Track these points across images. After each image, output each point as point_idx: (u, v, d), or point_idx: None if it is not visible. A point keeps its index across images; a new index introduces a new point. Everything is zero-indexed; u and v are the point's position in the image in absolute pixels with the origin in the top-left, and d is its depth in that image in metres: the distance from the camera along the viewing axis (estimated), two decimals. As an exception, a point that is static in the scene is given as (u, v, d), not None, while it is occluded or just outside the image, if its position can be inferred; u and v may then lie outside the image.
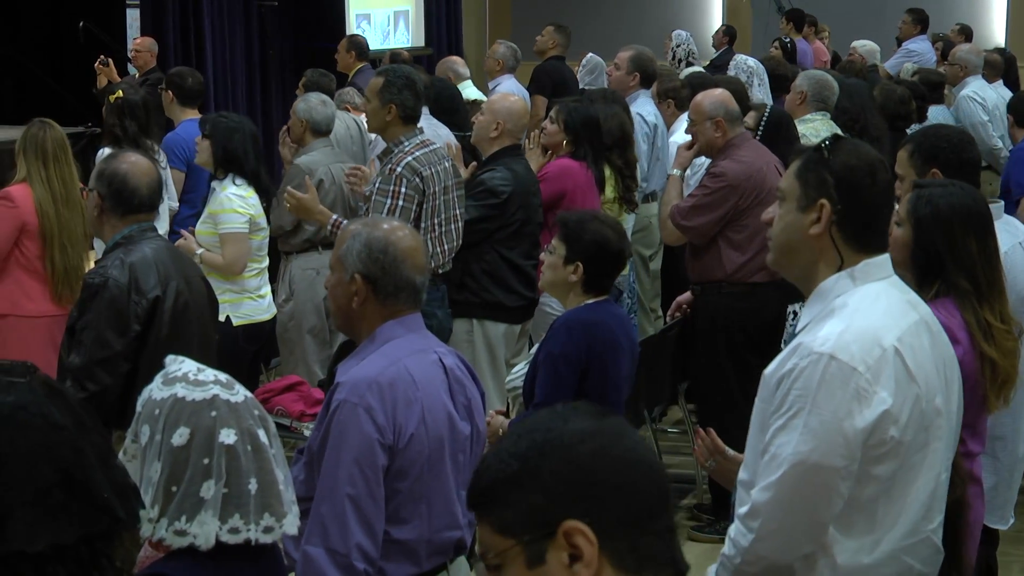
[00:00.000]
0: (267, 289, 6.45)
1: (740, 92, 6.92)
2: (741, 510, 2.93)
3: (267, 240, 6.40)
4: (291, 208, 6.10)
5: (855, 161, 2.97)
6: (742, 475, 3.01)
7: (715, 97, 6.23)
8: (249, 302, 6.05)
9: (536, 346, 4.73)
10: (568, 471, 1.76)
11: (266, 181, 6.32)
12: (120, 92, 7.26)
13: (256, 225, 6.23)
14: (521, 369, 4.77)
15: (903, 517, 2.90)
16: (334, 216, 6.06)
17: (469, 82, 9.71)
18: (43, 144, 6.01)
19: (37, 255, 6.02)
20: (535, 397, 4.50)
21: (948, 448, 2.99)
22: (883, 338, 2.86)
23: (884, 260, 3.00)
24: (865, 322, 2.87)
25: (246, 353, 6.29)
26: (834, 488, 2.83)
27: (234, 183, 6.20)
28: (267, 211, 6.36)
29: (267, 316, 6.41)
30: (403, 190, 5.69)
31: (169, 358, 2.60)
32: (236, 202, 6.15)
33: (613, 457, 1.78)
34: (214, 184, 6.33)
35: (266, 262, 6.43)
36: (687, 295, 6.34)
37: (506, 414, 4.82)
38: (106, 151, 6.78)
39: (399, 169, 5.70)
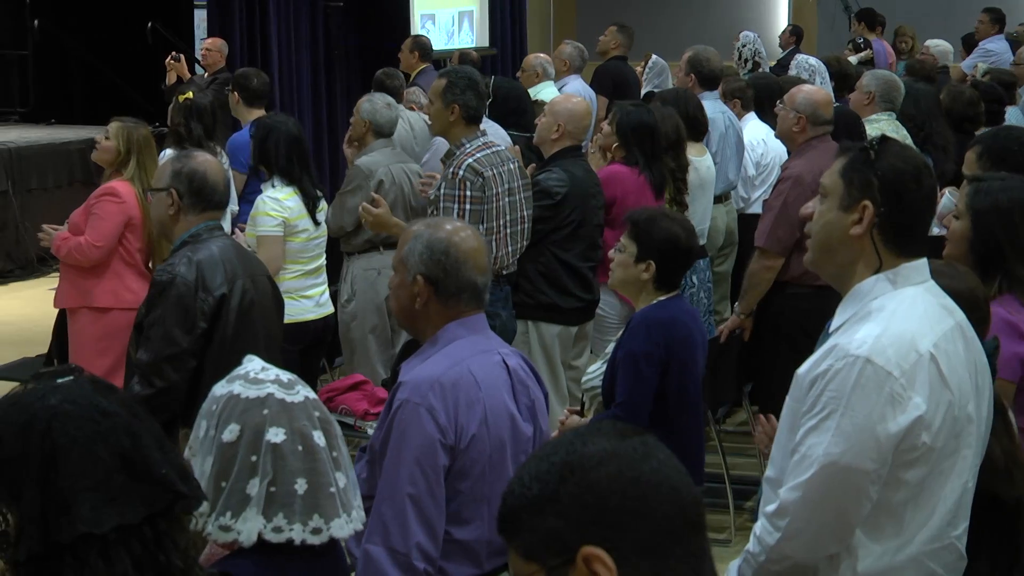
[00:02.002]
0: (316, 290, 6.43)
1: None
2: (768, 508, 2.91)
3: (314, 241, 6.37)
4: (368, 224, 6.11)
5: (901, 164, 2.94)
6: (769, 472, 3.00)
7: (809, 94, 6.26)
8: (291, 302, 6.02)
9: (612, 345, 4.72)
10: (585, 495, 1.71)
11: (308, 182, 6.29)
12: (189, 93, 7.33)
13: (293, 227, 6.23)
14: (598, 369, 4.77)
15: (930, 522, 2.88)
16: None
17: (551, 82, 9.65)
18: (150, 143, 6.16)
19: (138, 248, 6.14)
20: (616, 396, 4.50)
21: (976, 456, 2.97)
22: (919, 343, 2.83)
23: (922, 264, 2.96)
24: (902, 326, 2.84)
25: (290, 353, 6.29)
26: (863, 491, 2.81)
27: (272, 184, 6.24)
28: (310, 211, 6.34)
29: (312, 316, 6.38)
30: (468, 193, 5.70)
31: (246, 358, 2.62)
32: (269, 204, 6.18)
33: (632, 480, 1.72)
34: (261, 185, 6.38)
35: (315, 263, 6.41)
36: (733, 320, 6.31)
37: (581, 412, 4.82)
38: (168, 152, 6.86)
39: (461, 172, 5.71)
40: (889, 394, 2.79)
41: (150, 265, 6.12)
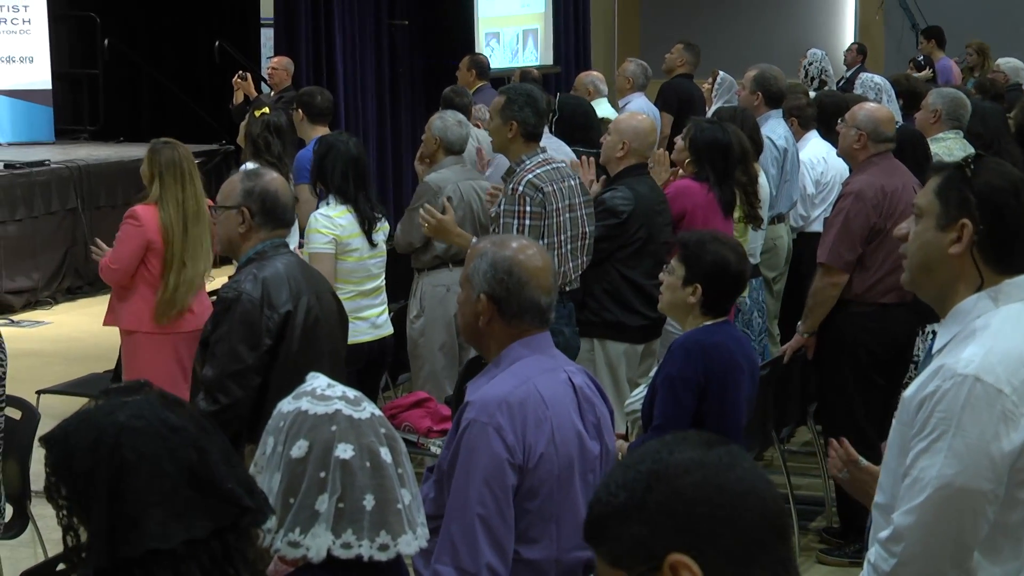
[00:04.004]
0: (372, 311, 6.40)
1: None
2: (882, 535, 2.85)
3: (370, 262, 6.35)
4: (428, 229, 6.09)
5: (999, 181, 2.90)
6: (879, 499, 2.94)
7: (870, 112, 6.22)
8: None
9: (655, 368, 4.69)
10: (672, 503, 1.72)
11: (364, 202, 6.28)
12: (266, 109, 7.40)
13: (345, 246, 6.22)
14: (640, 392, 4.73)
15: None
16: (474, 239, 6.05)
17: (604, 99, 9.67)
18: (179, 164, 6.16)
19: (160, 273, 6.16)
20: (653, 420, 4.46)
21: None
22: None
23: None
24: (1009, 343, 2.80)
25: (347, 375, 6.28)
26: (980, 512, 2.76)
27: (327, 202, 6.26)
28: (366, 231, 6.34)
29: (368, 337, 6.34)
30: (528, 208, 5.70)
31: (310, 375, 2.63)
32: (321, 222, 6.19)
33: (718, 488, 1.73)
34: (320, 203, 6.40)
35: (370, 284, 6.38)
36: (796, 339, 6.26)
37: (626, 437, 4.79)
38: (249, 165, 6.89)
39: (521, 188, 5.72)
40: (1001, 412, 2.74)
41: (168, 284, 6.11)
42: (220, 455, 2.08)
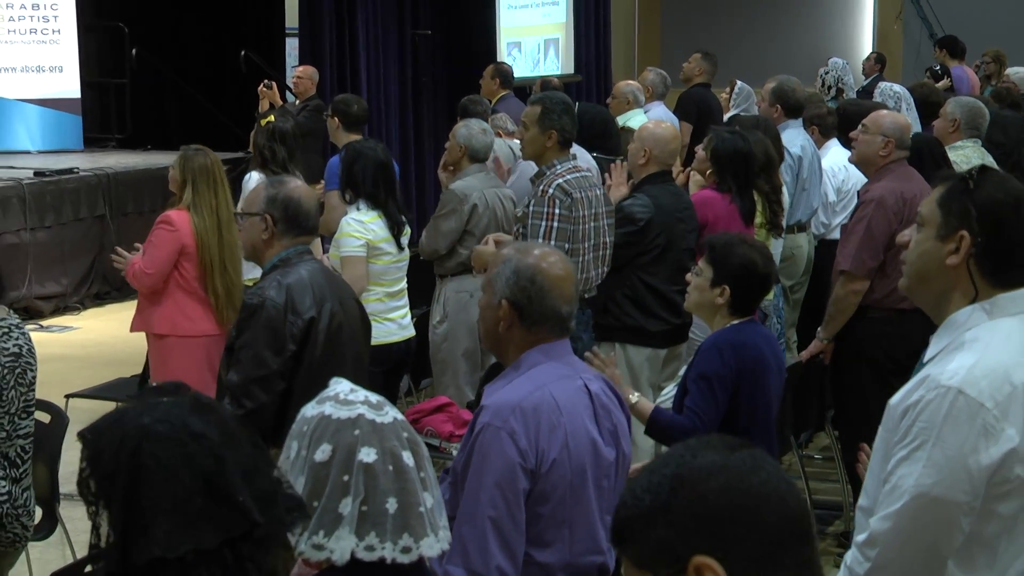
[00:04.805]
0: (399, 312, 6.48)
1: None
2: (859, 538, 2.87)
3: (397, 264, 6.42)
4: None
5: (1001, 195, 2.88)
6: (862, 501, 2.95)
7: (896, 120, 6.20)
8: (376, 325, 6.03)
9: (684, 368, 4.70)
10: (696, 506, 1.74)
11: (393, 208, 6.34)
12: (271, 117, 7.43)
13: (376, 249, 6.28)
14: (670, 392, 4.75)
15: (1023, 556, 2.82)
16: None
17: (640, 109, 9.59)
18: (211, 171, 6.20)
19: (195, 276, 6.19)
20: (686, 416, 4.48)
21: None
22: (1013, 375, 2.77)
23: (1019, 295, 2.89)
24: (996, 358, 2.78)
25: (375, 375, 6.31)
26: (955, 523, 2.75)
27: (357, 208, 6.29)
28: (394, 236, 6.37)
29: (396, 338, 6.43)
30: (556, 211, 5.72)
31: (332, 380, 2.64)
32: (354, 226, 6.24)
33: (742, 492, 1.75)
34: (348, 208, 6.43)
35: (397, 286, 6.46)
36: (816, 344, 6.24)
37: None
38: (254, 175, 6.93)
39: (551, 191, 5.73)
40: (982, 425, 2.73)
41: (209, 290, 6.17)
42: (238, 466, 2.05)
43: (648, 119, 8.21)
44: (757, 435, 4.56)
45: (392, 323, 6.42)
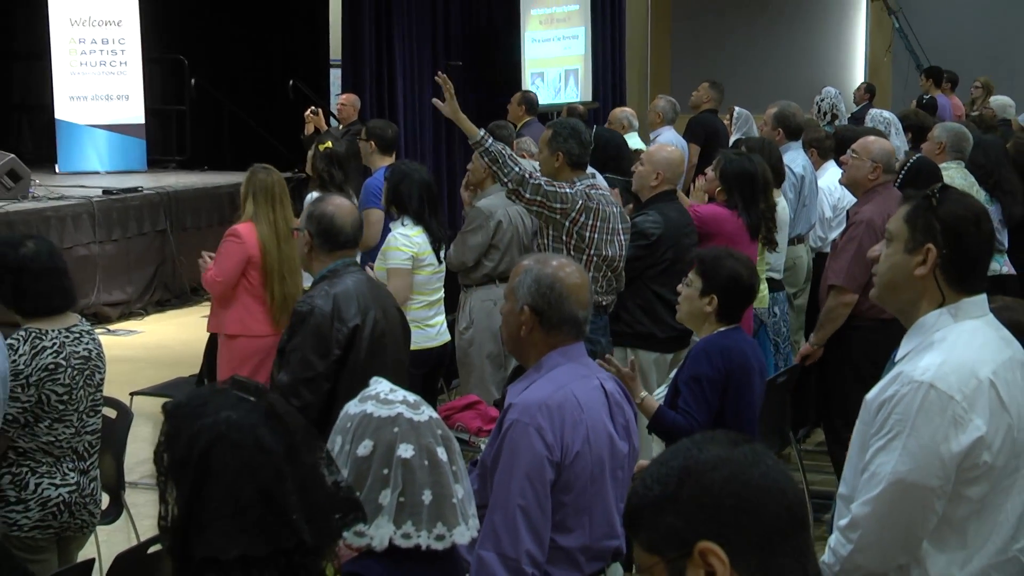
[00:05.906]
0: (437, 320, 6.48)
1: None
2: (841, 522, 2.90)
3: (436, 275, 6.43)
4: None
5: (961, 210, 2.92)
6: (841, 489, 2.98)
7: (884, 146, 6.20)
8: (416, 331, 6.03)
9: (675, 371, 4.72)
10: (702, 496, 1.75)
11: (435, 223, 6.35)
12: (329, 143, 7.47)
13: (420, 262, 6.28)
14: (660, 392, 4.77)
15: (993, 536, 2.84)
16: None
17: (635, 133, 9.68)
18: (271, 188, 6.24)
19: (261, 283, 6.23)
20: (679, 416, 4.49)
21: None
22: (979, 370, 2.80)
23: (981, 300, 2.94)
24: (963, 355, 2.82)
25: (415, 377, 6.32)
26: (929, 506, 2.79)
27: (403, 223, 6.30)
28: (435, 249, 6.38)
29: (435, 343, 6.44)
30: (569, 191, 5.72)
31: (373, 380, 2.65)
32: (401, 240, 6.24)
33: (744, 483, 1.76)
34: (391, 224, 6.45)
35: (437, 295, 6.47)
36: (806, 348, 6.24)
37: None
38: (315, 195, 6.96)
39: (573, 190, 5.74)
40: (952, 416, 2.76)
41: (275, 295, 6.19)
42: (298, 481, 2.02)
43: (657, 143, 8.24)
44: (742, 431, 4.55)
45: (432, 329, 6.43)
